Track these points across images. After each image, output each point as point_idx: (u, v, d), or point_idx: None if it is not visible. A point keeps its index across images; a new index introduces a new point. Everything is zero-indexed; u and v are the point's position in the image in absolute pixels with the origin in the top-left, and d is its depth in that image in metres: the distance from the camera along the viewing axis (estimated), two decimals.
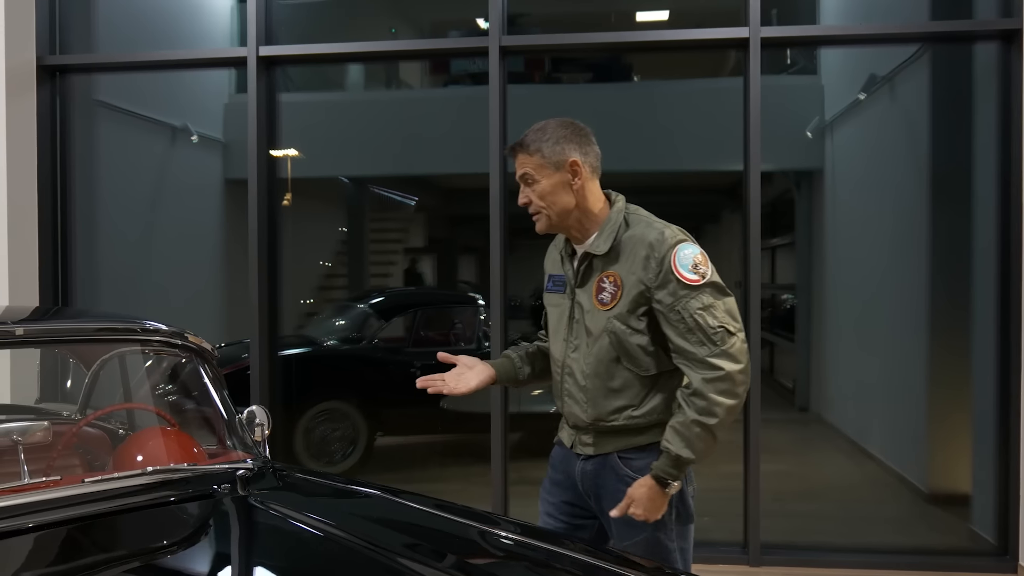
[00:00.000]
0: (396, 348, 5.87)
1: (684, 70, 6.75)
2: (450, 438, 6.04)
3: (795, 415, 6.70)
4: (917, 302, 5.15)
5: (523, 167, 2.27)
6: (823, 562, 4.39)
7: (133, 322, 2.69)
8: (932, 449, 5.04)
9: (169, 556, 2.05)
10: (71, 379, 3.29)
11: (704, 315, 2.12)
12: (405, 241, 7.80)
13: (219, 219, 6.55)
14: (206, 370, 2.75)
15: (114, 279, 5.55)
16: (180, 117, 6.25)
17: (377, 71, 7.43)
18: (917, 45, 4.99)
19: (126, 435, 2.92)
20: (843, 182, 6.25)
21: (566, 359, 2.31)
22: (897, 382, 5.53)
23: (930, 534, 4.81)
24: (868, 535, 4.79)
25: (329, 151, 6.87)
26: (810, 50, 6.15)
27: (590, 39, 4.75)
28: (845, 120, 6.10)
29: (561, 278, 2.38)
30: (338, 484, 2.68)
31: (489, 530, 2.22)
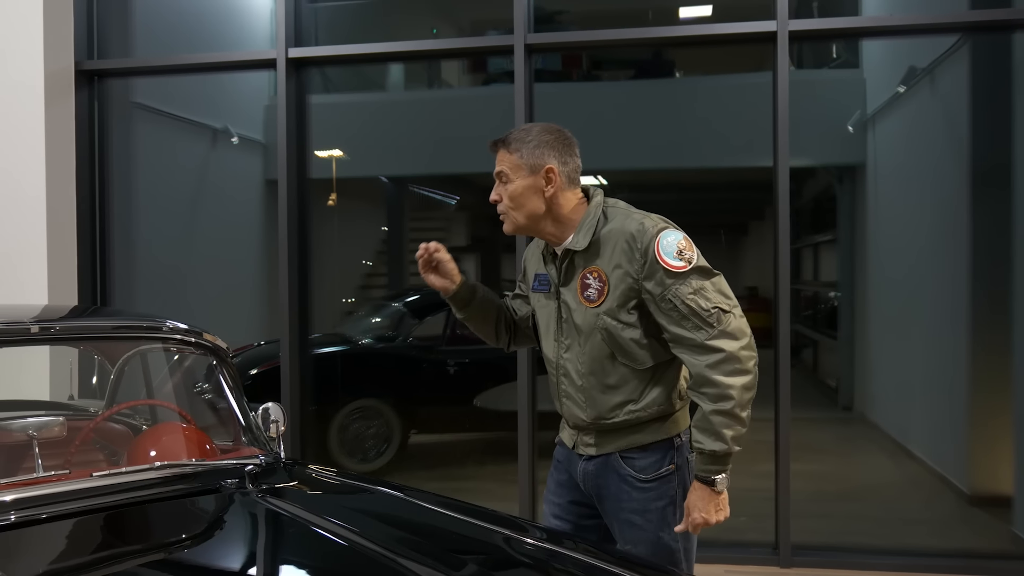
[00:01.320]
0: (430, 346, 5.90)
1: (725, 66, 6.68)
2: (484, 436, 6.05)
3: (839, 414, 6.60)
4: (958, 298, 5.03)
5: (500, 164, 2.25)
6: (856, 564, 4.30)
7: (152, 320, 2.73)
8: (974, 449, 4.91)
9: (171, 549, 2.09)
10: (98, 376, 3.37)
11: (696, 299, 2.09)
12: (446, 240, 7.82)
13: (259, 219, 6.65)
14: (221, 368, 2.79)
15: (152, 279, 5.66)
16: (221, 119, 6.35)
17: (417, 71, 7.48)
18: (957, 36, 4.87)
19: (122, 432, 2.98)
20: (884, 176, 6.13)
21: (559, 360, 2.29)
22: (939, 380, 5.40)
23: (971, 537, 4.70)
24: (906, 537, 4.69)
25: (369, 151, 6.93)
26: (852, 43, 6.05)
27: (616, 35, 4.72)
28: (886, 113, 5.99)
29: (546, 277, 2.35)
30: (349, 481, 2.70)
31: (494, 528, 2.21)
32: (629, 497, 2.24)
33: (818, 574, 4.22)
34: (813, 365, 7.50)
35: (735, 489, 2.26)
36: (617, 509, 2.27)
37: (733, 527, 2.34)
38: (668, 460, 2.23)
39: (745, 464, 2.34)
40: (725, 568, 4.29)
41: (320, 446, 5.42)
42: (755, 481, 4.53)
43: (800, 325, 7.34)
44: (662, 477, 2.23)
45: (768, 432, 4.38)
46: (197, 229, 6.24)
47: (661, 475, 2.23)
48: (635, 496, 2.23)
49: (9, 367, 3.13)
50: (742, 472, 5.15)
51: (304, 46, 4.80)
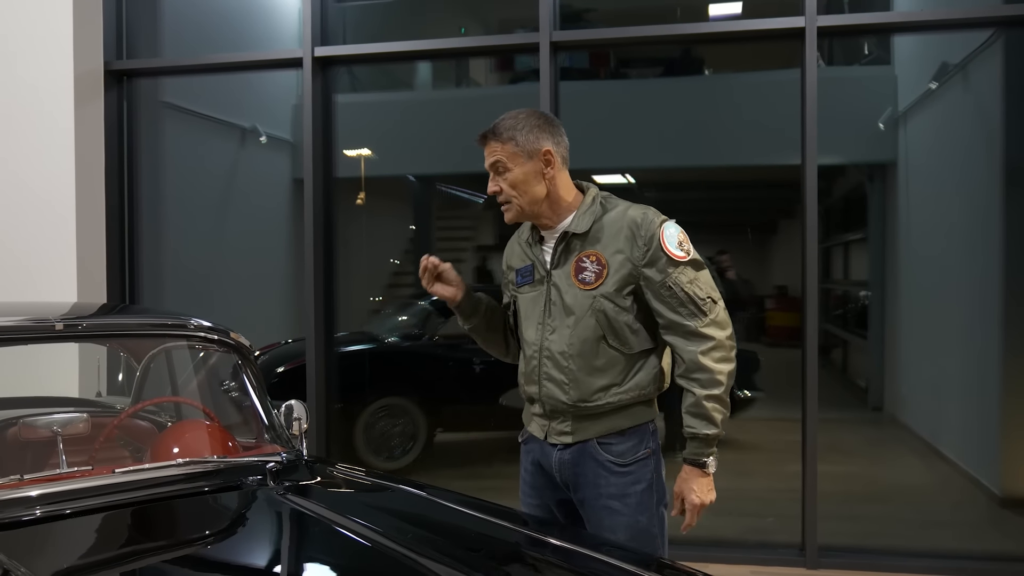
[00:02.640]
0: (456, 345, 5.90)
1: (755, 62, 6.62)
2: (509, 435, 6.03)
3: (869, 415, 6.53)
4: (990, 298, 4.96)
5: (495, 155, 2.27)
6: (884, 566, 4.25)
7: (178, 318, 2.76)
8: (1006, 451, 4.84)
9: (192, 546, 2.11)
10: (124, 373, 3.40)
11: (693, 287, 2.19)
12: (474, 239, 7.84)
13: (287, 218, 6.68)
14: (245, 366, 2.81)
15: (180, 279, 5.71)
16: (249, 118, 6.39)
17: (444, 70, 7.49)
18: (990, 31, 4.80)
19: (147, 428, 3.01)
20: (916, 174, 6.05)
21: (543, 342, 2.29)
22: (971, 381, 5.32)
23: (1002, 539, 4.62)
24: (936, 539, 4.63)
25: (397, 150, 6.95)
26: (884, 40, 5.98)
27: (641, 32, 4.70)
28: (918, 111, 5.91)
29: (527, 269, 2.36)
30: (371, 479, 2.69)
31: (513, 528, 2.21)
32: (607, 483, 2.26)
33: None
34: (843, 365, 7.41)
35: (762, 490, 2.27)
36: (595, 496, 2.28)
37: (760, 528, 2.34)
38: (644, 444, 2.28)
39: (774, 465, 2.34)
40: (751, 569, 4.26)
41: (346, 444, 5.44)
42: (783, 482, 4.49)
43: (830, 324, 7.26)
44: (639, 461, 2.27)
45: (796, 432, 4.34)
46: (225, 228, 6.29)
47: (639, 459, 2.27)
48: (613, 481, 2.26)
49: (37, 364, 3.17)
50: (769, 473, 5.13)
51: (330, 45, 4.81)
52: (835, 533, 4.39)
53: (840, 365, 7.43)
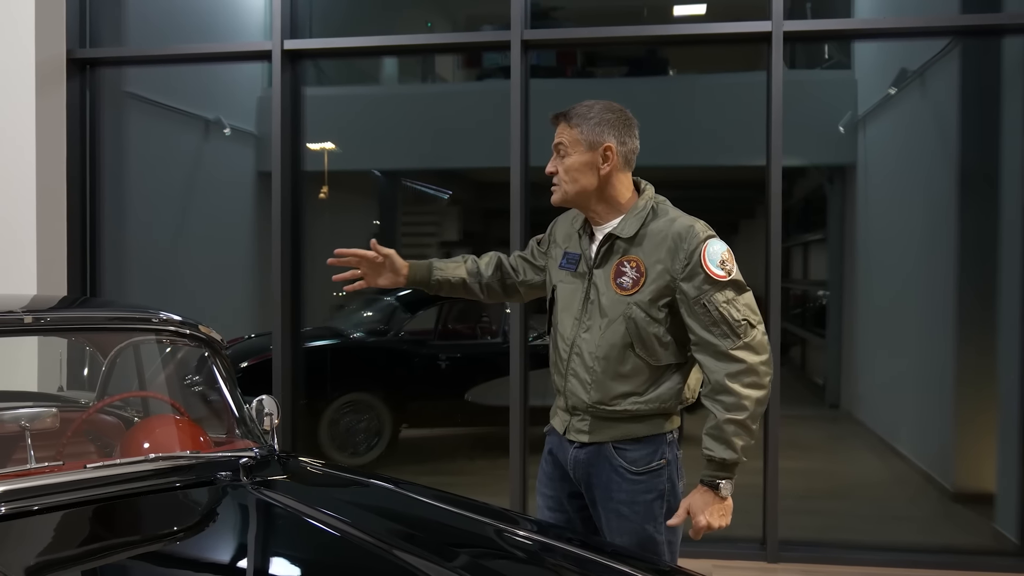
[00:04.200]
0: (422, 341, 5.91)
1: (719, 64, 6.70)
2: (475, 431, 6.07)
3: (825, 412, 6.64)
4: (946, 299, 5.07)
5: (560, 136, 2.28)
6: (843, 560, 4.34)
7: (146, 312, 2.74)
8: (959, 447, 4.96)
9: (168, 542, 2.10)
10: (89, 367, 3.37)
11: (729, 308, 2.14)
12: (439, 235, 7.84)
13: (251, 212, 6.63)
14: (216, 360, 2.80)
15: (143, 271, 5.65)
16: (213, 110, 6.33)
17: (411, 65, 7.47)
18: (948, 39, 4.91)
19: (116, 424, 2.99)
20: (874, 177, 6.16)
21: (576, 338, 2.29)
22: (925, 379, 5.44)
23: (954, 533, 4.75)
24: (892, 533, 4.73)
25: (362, 144, 6.92)
26: (844, 45, 6.07)
27: (612, 32, 4.74)
28: (877, 115, 6.01)
29: (575, 256, 2.37)
30: (343, 474, 2.71)
31: (486, 521, 2.23)
32: (619, 488, 2.27)
33: (805, 569, 4.26)
34: (801, 363, 7.53)
35: None
36: (606, 499, 2.29)
37: None
38: (660, 455, 2.27)
39: None
40: (713, 563, 4.32)
41: (311, 439, 5.42)
42: (742, 477, 4.55)
43: (788, 323, 7.36)
44: (652, 471, 2.26)
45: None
46: (188, 221, 6.22)
47: (652, 468, 2.26)
48: (625, 487, 2.27)
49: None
50: None
51: (300, 38, 4.79)
52: (794, 527, 4.47)
53: (798, 363, 7.54)
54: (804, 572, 4.24)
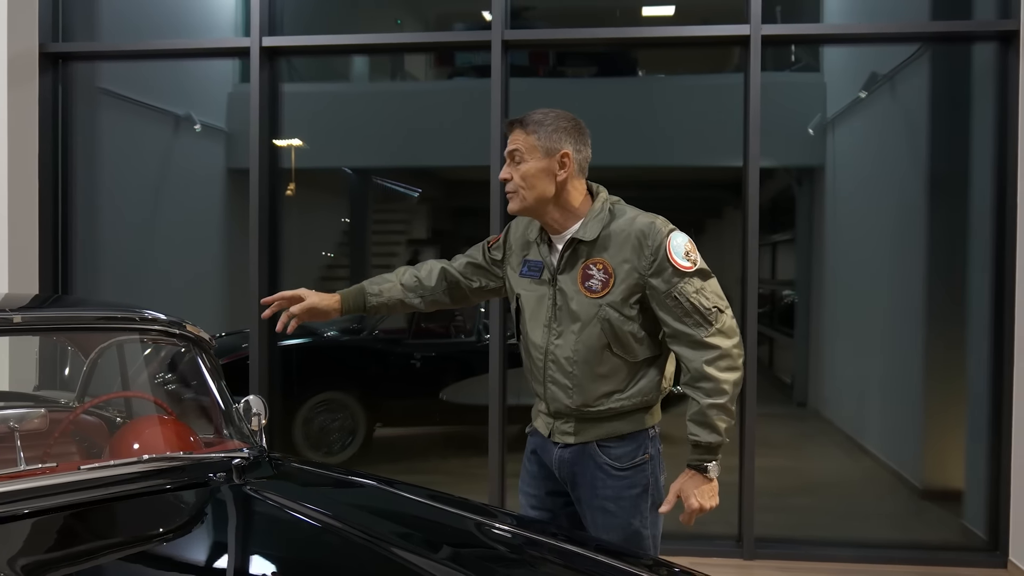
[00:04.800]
0: (396, 339, 5.89)
1: (687, 65, 6.75)
2: (449, 430, 6.06)
3: (793, 410, 6.71)
4: (914, 299, 5.17)
5: (515, 144, 2.29)
6: (818, 556, 4.42)
7: (131, 311, 2.71)
8: (927, 445, 5.06)
9: (165, 543, 2.08)
10: (69, 367, 3.32)
11: (699, 297, 2.19)
12: (408, 233, 7.82)
13: (222, 209, 6.57)
14: (204, 360, 2.78)
15: (115, 267, 5.58)
16: (184, 106, 6.26)
17: (382, 62, 7.44)
18: (917, 44, 5.00)
19: (123, 423, 2.95)
20: (843, 179, 6.25)
21: (549, 345, 2.32)
22: (894, 379, 5.54)
23: (923, 529, 4.84)
24: (863, 530, 4.82)
25: (333, 141, 6.88)
26: (813, 48, 6.16)
27: (593, 34, 4.79)
28: (846, 118, 6.10)
29: (537, 264, 2.38)
30: (334, 474, 2.70)
31: (484, 521, 2.25)
32: (604, 484, 2.30)
33: (781, 566, 4.33)
34: (769, 361, 7.61)
35: None
36: (591, 496, 2.33)
37: (696, 519, 2.40)
38: (643, 450, 2.31)
39: None
40: (690, 560, 4.36)
41: (285, 439, 5.39)
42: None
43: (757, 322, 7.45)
44: (636, 466, 2.30)
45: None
46: (159, 218, 6.15)
47: (636, 464, 2.30)
48: (610, 484, 2.30)
49: None
50: None
51: (277, 35, 4.76)
52: (768, 525, 4.53)
53: (766, 361, 7.63)
54: (780, 569, 4.31)
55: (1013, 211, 4.23)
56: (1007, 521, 4.25)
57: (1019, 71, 4.17)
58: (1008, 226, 4.27)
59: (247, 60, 4.85)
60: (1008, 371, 4.25)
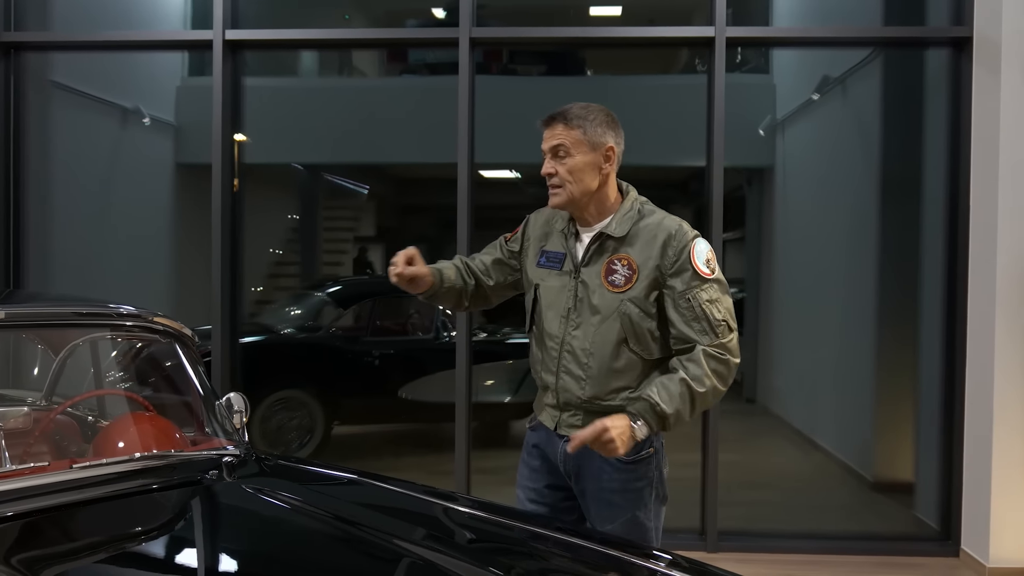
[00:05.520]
0: (354, 337, 5.86)
1: (637, 65, 6.85)
2: (407, 427, 6.05)
3: (743, 406, 6.85)
4: (866, 297, 5.31)
5: (559, 138, 2.28)
6: (777, 548, 4.51)
7: (108, 306, 2.66)
8: (878, 440, 5.21)
9: (174, 543, 2.05)
10: (38, 365, 3.23)
11: (711, 307, 2.21)
12: (356, 230, 7.77)
13: (171, 204, 6.46)
14: (186, 356, 2.73)
15: (67, 261, 5.44)
16: (132, 99, 6.13)
17: (331, 58, 7.38)
18: (870, 48, 5.14)
19: (96, 422, 2.89)
20: (794, 179, 6.40)
21: (566, 336, 2.33)
22: (845, 375, 5.69)
23: (876, 520, 4.98)
24: (817, 522, 4.93)
25: (281, 137, 6.81)
26: (763, 50, 6.29)
27: (559, 33, 4.83)
28: (797, 119, 6.24)
29: (557, 255, 2.39)
30: (326, 471, 2.68)
31: (481, 514, 2.26)
32: (609, 477, 2.32)
33: (743, 558, 4.41)
34: None
35: None
36: (597, 488, 2.35)
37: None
38: (648, 444, 2.32)
39: (667, 452, 2.43)
40: None
41: None
42: (678, 471, 4.68)
43: None
44: (642, 459, 2.32)
45: (694, 423, 4.54)
46: (110, 211, 6.02)
47: (641, 457, 2.32)
48: (615, 476, 2.32)
49: None
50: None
51: (241, 28, 4.70)
52: (728, 518, 4.62)
53: None
54: (742, 561, 4.38)
55: (966, 212, 4.38)
56: (959, 511, 4.40)
57: (972, 76, 4.31)
58: (960, 226, 4.42)
59: (200, 53, 4.78)
60: (960, 365, 4.39)
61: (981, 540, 4.20)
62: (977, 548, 4.24)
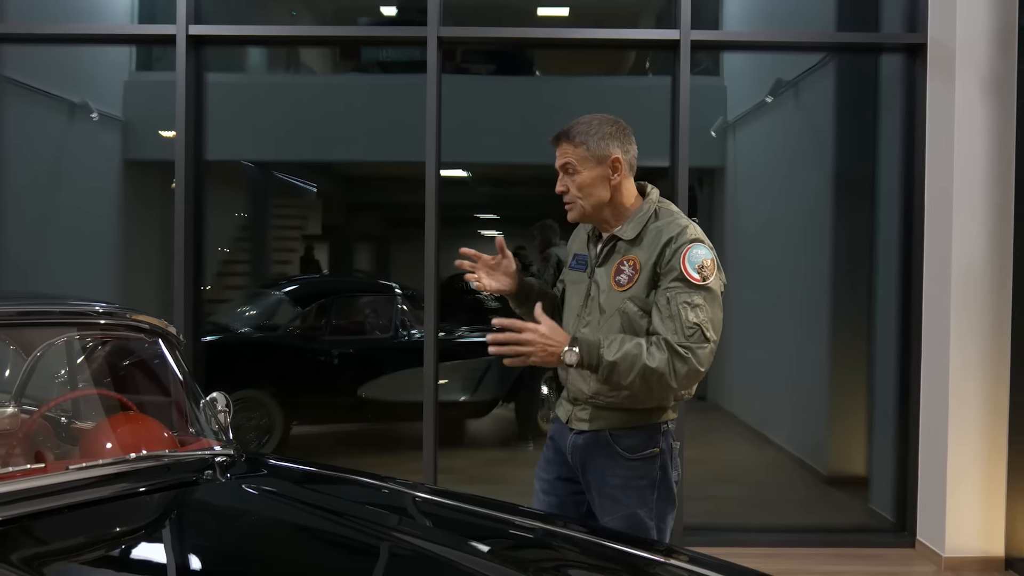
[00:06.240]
0: (312, 336, 5.80)
1: (582, 68, 6.94)
2: (366, 427, 6.02)
3: (693, 404, 6.93)
4: (819, 296, 5.44)
5: (565, 157, 2.34)
6: (739, 541, 4.60)
7: (90, 304, 2.61)
8: (832, 436, 5.35)
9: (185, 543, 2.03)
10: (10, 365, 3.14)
11: (688, 310, 2.19)
12: (304, 228, 7.71)
13: (117, 200, 6.33)
14: (171, 354, 2.70)
15: (12, 257, 5.28)
16: (80, 93, 5.99)
17: (279, 54, 7.31)
18: (823, 53, 5.27)
19: (79, 424, 2.83)
20: (745, 180, 6.53)
21: (576, 333, 2.36)
22: (798, 372, 5.83)
23: (832, 513, 5.12)
24: (775, 516, 5.04)
25: (229, 134, 6.71)
26: (714, 52, 6.41)
27: (526, 34, 4.88)
28: (748, 121, 6.37)
29: (584, 258, 2.48)
30: (315, 470, 2.66)
31: (488, 512, 2.27)
32: (613, 473, 2.36)
33: (710, 552, 4.48)
34: None
35: None
36: (601, 483, 2.38)
37: None
38: (653, 443, 2.35)
39: None
40: None
41: None
42: None
43: None
44: (646, 457, 2.35)
45: None
46: (58, 208, 5.87)
47: (645, 455, 2.35)
48: (619, 472, 2.35)
49: None
50: None
51: (204, 23, 4.62)
52: (692, 514, 4.69)
53: None
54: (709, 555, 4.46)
55: (921, 214, 4.51)
56: (915, 503, 4.54)
57: (926, 82, 4.45)
58: (916, 227, 4.55)
59: (148, 48, 4.67)
60: (916, 362, 4.53)
61: (937, 531, 4.34)
62: (933, 539, 4.39)
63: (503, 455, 6.14)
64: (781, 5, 6.00)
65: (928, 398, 4.45)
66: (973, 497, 4.27)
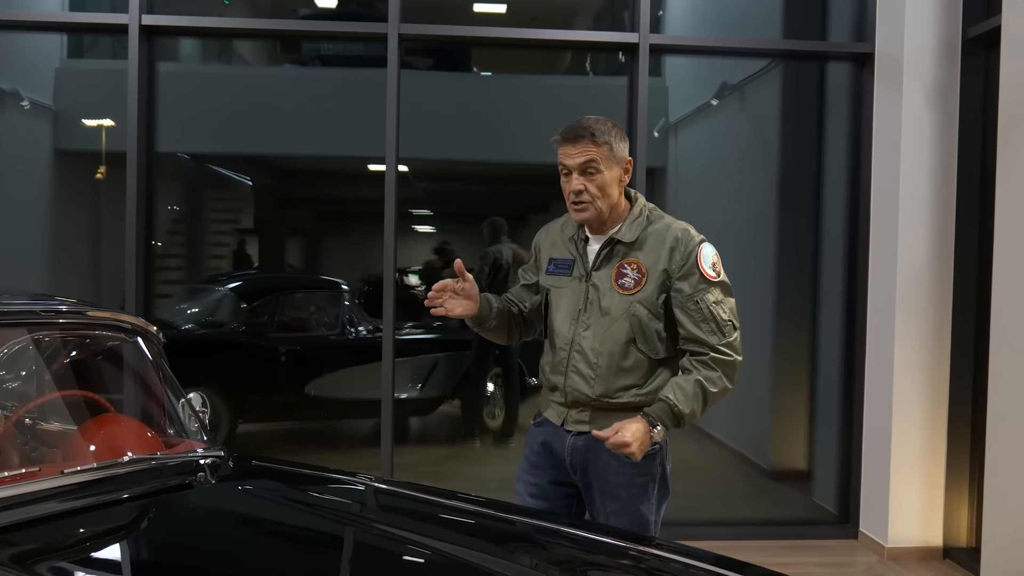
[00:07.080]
0: (258, 333, 5.71)
1: (520, 66, 6.99)
2: (313, 425, 5.95)
3: None
4: (763, 295, 5.58)
5: (588, 155, 2.32)
6: (686, 535, 4.66)
7: (66, 302, 2.54)
8: (774, 432, 5.51)
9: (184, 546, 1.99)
10: None
11: (717, 308, 2.35)
12: (237, 222, 7.57)
13: (47, 192, 6.13)
14: (152, 354, 2.65)
15: None
16: (9, 81, 5.78)
17: (211, 45, 7.16)
18: (768, 59, 5.41)
19: (33, 426, 2.74)
20: (687, 180, 6.65)
21: (575, 337, 2.41)
22: (742, 370, 5.95)
23: (775, 507, 5.26)
24: (719, 510, 5.16)
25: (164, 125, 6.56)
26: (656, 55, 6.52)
27: (485, 32, 4.90)
28: (691, 122, 6.49)
29: (565, 261, 2.48)
30: (305, 471, 2.64)
31: (477, 508, 2.29)
32: (616, 471, 2.40)
33: None
34: None
35: None
36: (603, 482, 2.42)
37: None
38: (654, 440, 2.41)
39: None
40: None
41: None
42: None
43: None
44: (648, 456, 2.38)
45: None
46: None
47: (647, 453, 2.37)
48: (622, 471, 2.40)
49: None
50: None
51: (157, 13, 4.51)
52: None
53: None
54: None
55: (867, 217, 4.67)
56: (858, 496, 4.71)
57: (873, 91, 4.61)
58: (861, 230, 4.71)
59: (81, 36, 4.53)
60: (860, 360, 4.69)
61: (880, 522, 4.51)
62: (875, 530, 4.56)
63: (450, 451, 6.15)
64: (725, 11, 6.13)
65: (872, 395, 4.62)
66: (914, 489, 4.45)
